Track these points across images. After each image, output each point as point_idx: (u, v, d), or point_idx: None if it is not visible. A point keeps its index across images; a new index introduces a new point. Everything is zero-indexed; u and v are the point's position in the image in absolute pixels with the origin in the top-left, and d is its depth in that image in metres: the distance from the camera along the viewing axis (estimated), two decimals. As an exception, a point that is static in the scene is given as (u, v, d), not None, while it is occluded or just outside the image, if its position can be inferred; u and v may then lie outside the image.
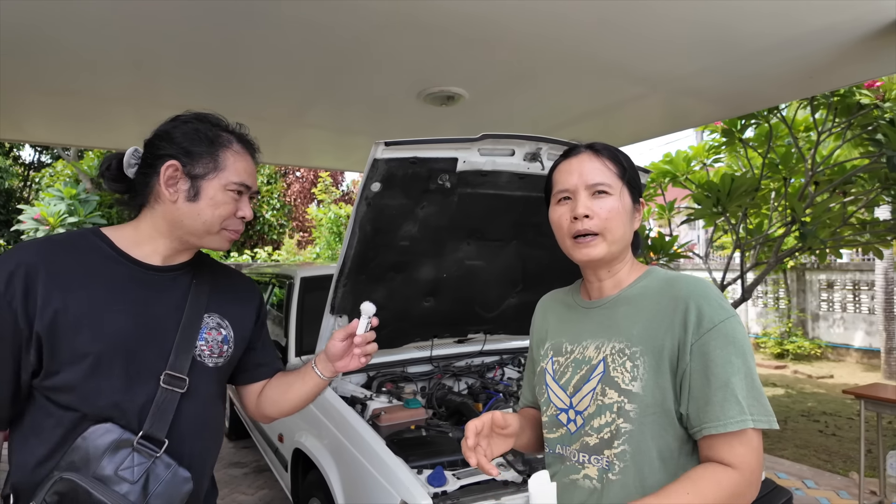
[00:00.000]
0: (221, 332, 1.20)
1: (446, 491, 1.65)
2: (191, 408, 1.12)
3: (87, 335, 1.02)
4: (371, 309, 1.21)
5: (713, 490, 0.89)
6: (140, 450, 1.02)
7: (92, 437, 1.00)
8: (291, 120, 4.65)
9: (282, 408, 1.31)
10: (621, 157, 1.09)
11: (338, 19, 2.84)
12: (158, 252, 1.15)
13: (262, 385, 1.33)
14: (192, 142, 1.11)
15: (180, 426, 1.10)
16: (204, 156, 1.11)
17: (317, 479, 2.23)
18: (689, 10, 2.75)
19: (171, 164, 1.09)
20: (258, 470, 4.08)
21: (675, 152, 5.47)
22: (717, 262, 10.30)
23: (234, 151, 1.14)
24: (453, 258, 2.38)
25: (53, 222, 9.04)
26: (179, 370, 1.10)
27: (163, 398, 1.07)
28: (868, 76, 3.72)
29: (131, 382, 1.06)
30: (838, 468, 4.24)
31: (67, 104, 4.03)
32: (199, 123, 1.13)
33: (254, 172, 1.19)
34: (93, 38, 2.97)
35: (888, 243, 4.59)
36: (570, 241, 1.08)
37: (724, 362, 0.93)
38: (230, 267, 1.39)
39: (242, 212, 1.16)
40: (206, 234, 1.13)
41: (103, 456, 0.99)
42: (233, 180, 1.12)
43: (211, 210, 1.11)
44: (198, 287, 1.19)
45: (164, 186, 1.10)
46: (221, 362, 1.20)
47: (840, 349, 9.24)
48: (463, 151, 1.90)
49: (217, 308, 1.21)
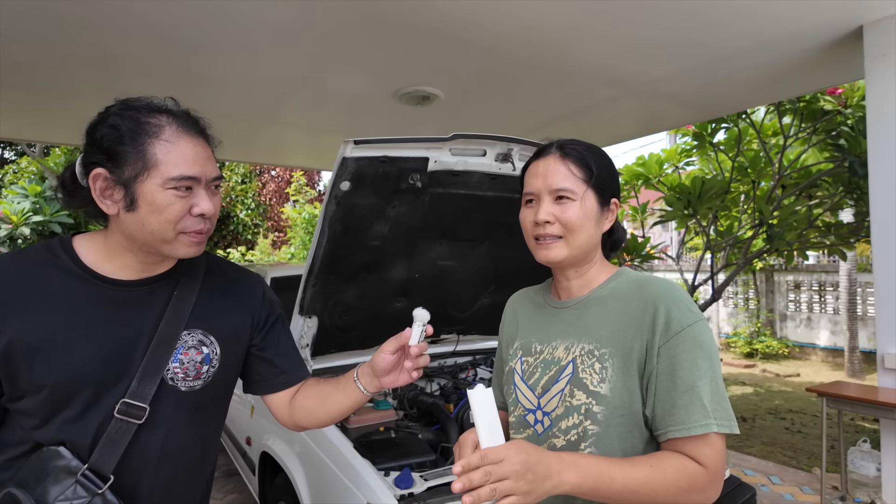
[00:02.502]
0: (202, 350, 1.07)
1: (413, 493, 1.64)
2: (152, 438, 1.01)
3: (43, 366, 0.93)
4: (426, 316, 1.05)
5: (675, 471, 0.90)
6: (82, 483, 0.93)
7: (42, 458, 0.94)
8: (264, 117, 4.59)
9: (319, 419, 1.18)
10: (590, 160, 1.06)
11: (309, 17, 2.80)
12: (128, 266, 1.02)
13: (292, 394, 1.20)
14: (113, 141, 0.93)
15: (136, 459, 1.00)
16: (129, 155, 0.92)
17: (284, 482, 2.19)
18: (660, 14, 2.80)
19: (97, 174, 0.94)
20: (228, 474, 4.00)
21: (648, 155, 5.56)
22: (690, 263, 10.49)
23: (166, 140, 0.94)
24: (425, 258, 2.36)
25: (17, 221, 8.75)
26: (141, 398, 0.98)
27: (115, 429, 0.97)
28: (832, 82, 3.84)
29: (86, 412, 0.96)
30: (802, 464, 4.35)
31: (31, 99, 3.90)
32: (119, 116, 0.94)
33: (201, 157, 0.98)
34: (57, 32, 2.89)
35: (851, 245, 4.73)
36: (533, 242, 1.09)
37: (690, 366, 0.93)
38: (232, 266, 1.22)
39: (198, 208, 0.97)
40: (163, 244, 0.97)
41: (47, 480, 0.92)
42: (170, 175, 0.93)
43: (154, 217, 0.94)
44: (179, 300, 1.06)
45: (100, 199, 0.95)
46: (199, 385, 1.06)
47: (806, 348, 9.50)
48: (434, 151, 1.89)
49: (201, 322, 1.07)
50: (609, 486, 0.87)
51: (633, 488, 0.87)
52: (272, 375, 1.19)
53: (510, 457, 0.80)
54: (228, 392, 1.19)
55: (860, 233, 4.41)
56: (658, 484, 0.88)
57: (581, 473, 0.86)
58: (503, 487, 0.79)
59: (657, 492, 0.88)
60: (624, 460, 0.91)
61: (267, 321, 1.20)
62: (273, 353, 1.19)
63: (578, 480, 0.85)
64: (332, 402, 1.16)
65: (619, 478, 0.87)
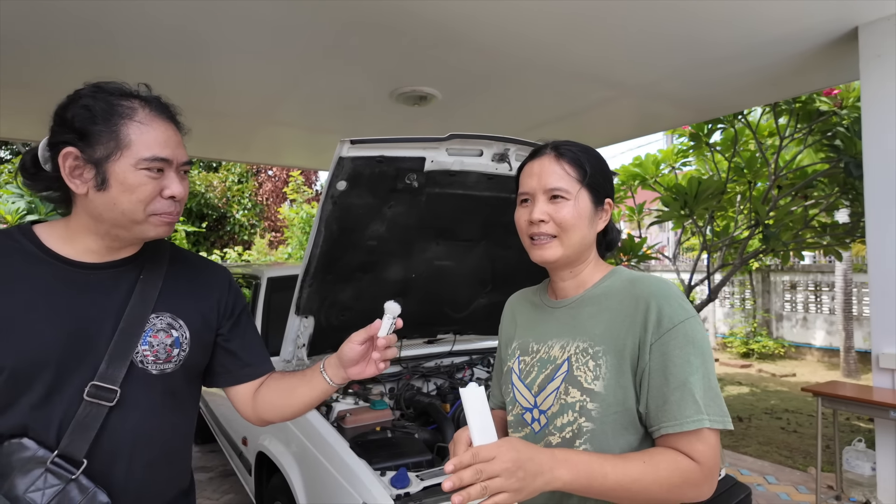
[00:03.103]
0: (172, 333, 1.06)
1: (409, 492, 1.64)
2: (124, 422, 0.99)
3: (2, 347, 0.92)
4: (396, 309, 1.07)
5: (668, 467, 0.90)
6: (53, 470, 0.92)
7: (5, 452, 0.92)
8: (261, 117, 4.59)
9: (283, 413, 1.17)
10: (584, 160, 1.08)
11: (306, 16, 2.80)
12: (91, 249, 1.02)
13: (255, 387, 1.19)
14: (85, 121, 0.94)
15: (108, 443, 0.98)
16: (102, 135, 0.94)
17: (280, 482, 2.19)
18: (656, 15, 2.80)
19: (68, 153, 0.94)
20: (224, 474, 4.00)
21: (645, 156, 5.56)
22: (686, 263, 10.52)
23: (139, 122, 0.96)
24: (422, 258, 2.36)
25: (11, 220, 8.70)
26: (110, 380, 0.97)
27: (85, 413, 0.95)
28: (828, 83, 3.85)
29: (50, 396, 0.95)
30: (798, 464, 4.37)
31: (25, 97, 3.89)
32: (91, 98, 0.96)
33: (173, 141, 1.00)
34: (52, 31, 2.88)
35: (846, 246, 4.75)
36: (527, 241, 1.10)
37: (682, 362, 0.94)
38: (196, 256, 1.23)
39: (169, 190, 0.98)
40: (133, 224, 0.98)
41: (14, 474, 0.90)
42: (143, 156, 0.95)
43: (126, 196, 0.95)
44: (145, 283, 1.05)
45: (69, 178, 0.95)
46: (170, 368, 1.06)
47: (802, 348, 9.53)
48: (431, 151, 1.89)
49: (169, 306, 1.07)
50: (602, 482, 0.87)
51: (625, 484, 0.88)
52: (236, 367, 1.18)
53: (501, 454, 0.81)
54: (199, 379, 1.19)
55: (855, 233, 4.43)
56: (651, 480, 0.89)
57: (573, 470, 0.86)
58: (494, 485, 0.79)
59: (650, 488, 0.89)
60: (617, 457, 0.92)
61: (233, 311, 1.20)
62: (238, 344, 1.19)
63: (571, 477, 0.85)
64: (297, 394, 1.15)
65: (612, 474, 0.88)
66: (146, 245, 1.09)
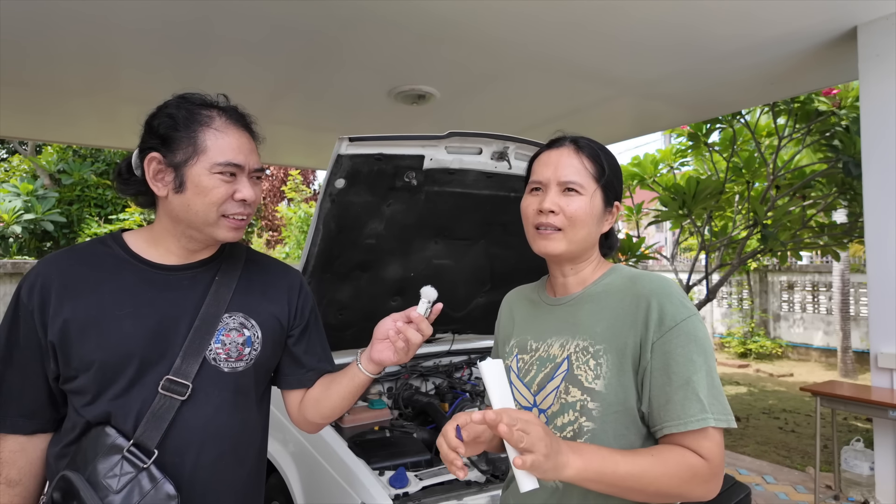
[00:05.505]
0: (244, 332, 1.11)
1: (408, 492, 1.63)
2: (195, 416, 1.04)
3: (93, 343, 1.00)
4: (433, 293, 1.08)
5: (677, 462, 0.89)
6: (128, 458, 0.97)
7: (90, 438, 1.00)
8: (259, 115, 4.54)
9: (322, 409, 1.19)
10: (603, 158, 1.06)
11: (304, 14, 2.79)
12: (172, 251, 1.10)
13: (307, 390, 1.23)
14: (168, 128, 1.03)
15: (179, 436, 1.03)
16: (182, 140, 1.02)
17: (278, 482, 2.18)
18: (655, 15, 2.80)
19: (152, 157, 1.03)
20: (221, 474, 3.98)
21: (643, 155, 5.56)
22: (684, 263, 10.53)
23: (216, 129, 1.03)
24: (421, 257, 2.35)
25: (8, 219, 8.66)
26: (183, 375, 1.03)
27: (160, 405, 1.01)
28: (827, 83, 3.85)
29: (131, 388, 1.02)
30: (796, 463, 4.37)
31: (23, 96, 3.87)
32: (175, 107, 1.04)
33: (246, 147, 1.07)
34: (49, 30, 2.86)
35: (844, 246, 4.75)
36: (532, 231, 1.08)
37: (685, 360, 0.93)
38: (271, 259, 1.28)
39: (241, 193, 1.05)
40: (205, 226, 1.05)
41: (97, 459, 0.97)
42: (217, 161, 1.02)
43: (200, 198, 1.02)
44: (220, 284, 1.11)
45: (152, 182, 1.04)
46: (241, 367, 1.10)
47: (800, 348, 9.55)
48: (430, 149, 1.88)
49: (242, 307, 1.12)
50: (613, 470, 0.86)
51: (636, 474, 0.87)
52: (300, 371, 1.22)
53: (533, 419, 0.81)
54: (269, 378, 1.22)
55: (853, 233, 4.43)
56: (661, 473, 0.88)
57: (584, 457, 0.85)
58: (528, 442, 0.78)
59: (660, 480, 0.88)
60: (626, 451, 0.91)
61: (304, 313, 1.24)
62: (305, 348, 1.23)
63: (583, 464, 0.84)
64: (335, 386, 1.18)
65: (623, 464, 0.87)
66: (223, 248, 1.17)
